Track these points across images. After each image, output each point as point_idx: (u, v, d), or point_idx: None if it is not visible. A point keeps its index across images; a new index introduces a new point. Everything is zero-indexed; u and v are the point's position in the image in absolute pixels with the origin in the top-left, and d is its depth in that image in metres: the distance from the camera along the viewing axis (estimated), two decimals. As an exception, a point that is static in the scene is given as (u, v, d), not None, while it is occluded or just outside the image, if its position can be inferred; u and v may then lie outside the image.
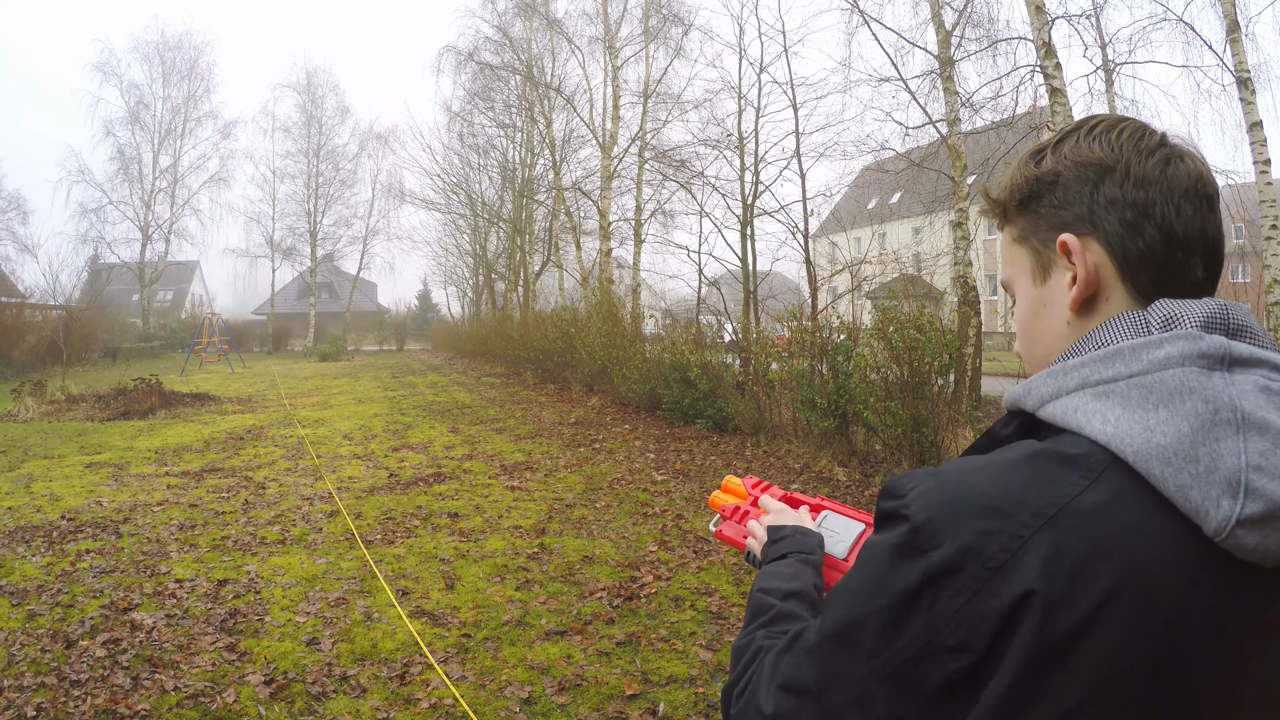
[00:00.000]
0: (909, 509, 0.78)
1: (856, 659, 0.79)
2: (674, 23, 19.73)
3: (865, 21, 12.77)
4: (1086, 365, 0.79)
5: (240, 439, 11.48)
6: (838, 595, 0.85)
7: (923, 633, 0.74)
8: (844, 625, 0.81)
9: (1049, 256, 0.89)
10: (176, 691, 3.82)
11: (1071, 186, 0.86)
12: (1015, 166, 0.93)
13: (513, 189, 28.40)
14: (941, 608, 0.73)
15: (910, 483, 0.81)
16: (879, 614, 0.78)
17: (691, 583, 5.27)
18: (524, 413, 14.24)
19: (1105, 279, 0.85)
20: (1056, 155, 0.88)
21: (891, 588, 0.77)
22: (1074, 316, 0.87)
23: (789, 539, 1.22)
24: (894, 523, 0.80)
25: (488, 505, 7.38)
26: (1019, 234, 0.93)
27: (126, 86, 40.04)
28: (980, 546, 0.72)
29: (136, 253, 39.35)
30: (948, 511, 0.75)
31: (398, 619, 4.69)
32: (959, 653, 0.73)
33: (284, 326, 45.43)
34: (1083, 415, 0.77)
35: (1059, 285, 0.89)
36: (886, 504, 0.82)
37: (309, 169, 42.50)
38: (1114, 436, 0.73)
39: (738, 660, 1.02)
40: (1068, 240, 0.85)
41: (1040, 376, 0.84)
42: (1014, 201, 0.92)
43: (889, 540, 0.79)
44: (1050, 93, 9.93)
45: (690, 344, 12.25)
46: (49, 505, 7.34)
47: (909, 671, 0.75)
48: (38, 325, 25.45)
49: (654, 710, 3.70)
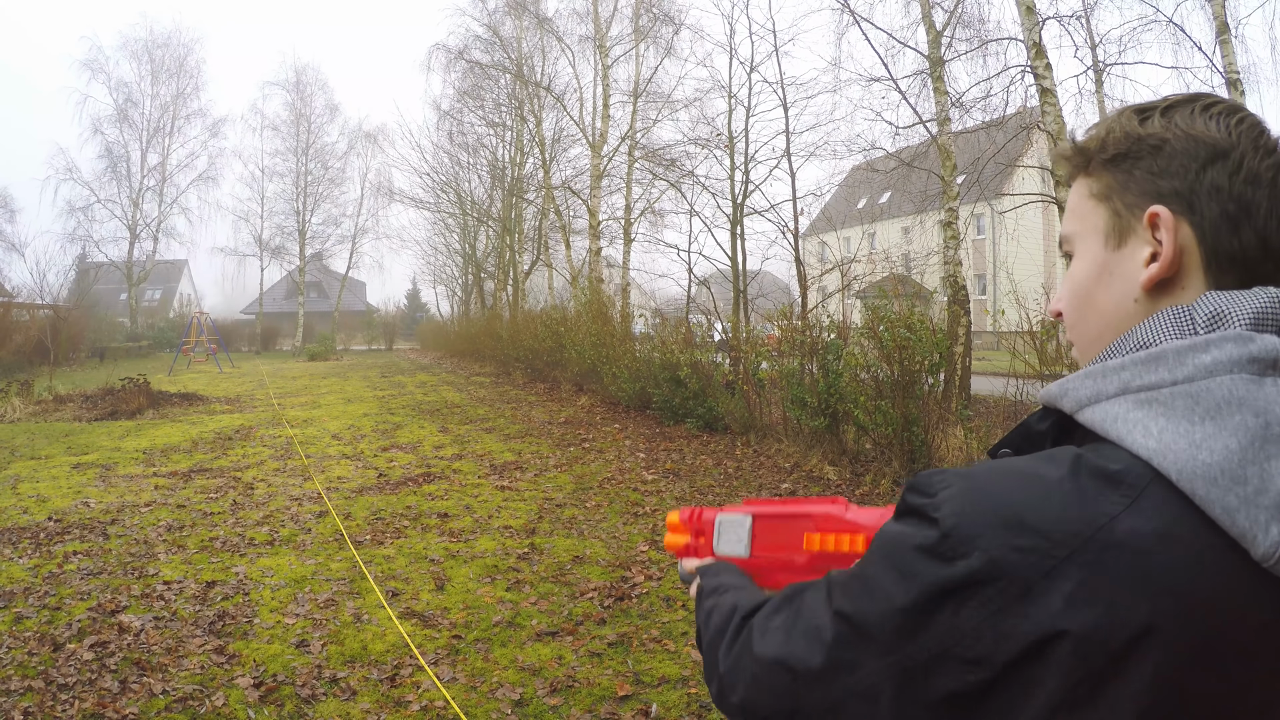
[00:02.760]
0: (938, 511, 0.73)
1: (868, 652, 0.76)
2: (664, 22, 19.73)
3: (856, 21, 12.78)
4: (1127, 369, 0.75)
5: (228, 439, 11.42)
6: (853, 582, 0.80)
7: (939, 641, 0.71)
8: (859, 616, 0.77)
9: (1130, 223, 0.82)
10: (165, 695, 3.79)
11: (1177, 158, 0.79)
12: (1114, 119, 0.86)
13: (502, 188, 28.36)
14: (964, 619, 0.70)
15: (941, 482, 0.76)
16: (896, 614, 0.74)
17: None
18: (513, 412, 14.22)
19: (1187, 265, 0.79)
20: (1166, 120, 0.81)
21: (912, 590, 0.73)
22: (1144, 295, 0.81)
23: (719, 567, 1.21)
24: (919, 521, 0.75)
25: (477, 505, 7.37)
26: (1101, 190, 0.86)
27: (115, 84, 39.90)
28: (1011, 563, 0.68)
29: (124, 251, 39.20)
30: (979, 521, 0.71)
31: (388, 620, 4.67)
32: (974, 666, 0.70)
33: (272, 326, 45.33)
34: (1123, 425, 0.72)
35: (1134, 257, 0.82)
36: (914, 499, 0.77)
37: (298, 167, 42.49)
38: (1156, 452, 0.69)
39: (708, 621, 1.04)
40: (1161, 213, 0.79)
41: (1078, 378, 0.79)
42: (1104, 154, 0.85)
43: (914, 539, 0.75)
44: (1040, 93, 9.96)
45: (680, 343, 12.25)
46: (36, 506, 7.28)
47: (919, 676, 0.73)
48: (25, 325, 25.32)
49: (646, 711, 3.69)
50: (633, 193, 20.35)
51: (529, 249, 28.23)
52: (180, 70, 40.64)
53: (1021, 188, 22.20)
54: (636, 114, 20.10)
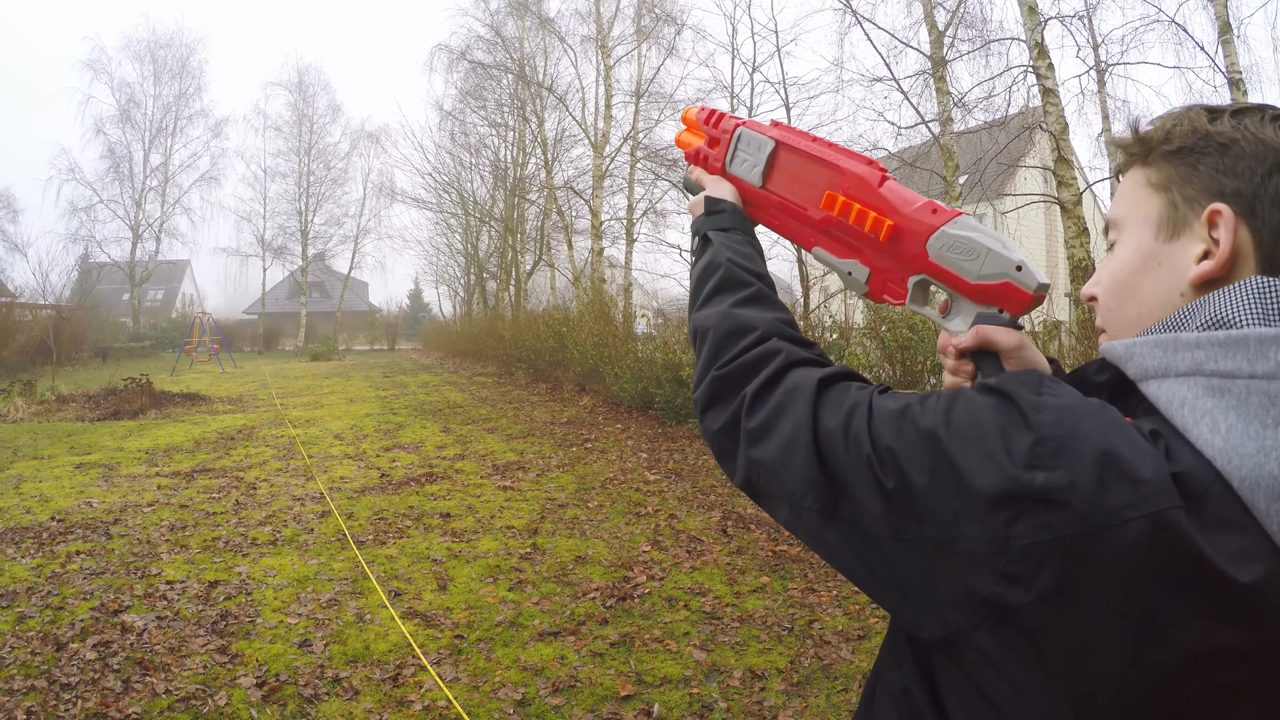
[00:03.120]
0: (1039, 413, 0.68)
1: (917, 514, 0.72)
2: (666, 22, 19.76)
3: (858, 21, 12.80)
4: (1203, 347, 0.71)
5: (231, 439, 11.43)
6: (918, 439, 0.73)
7: (988, 541, 0.67)
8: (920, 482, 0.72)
9: (1187, 216, 0.80)
10: (168, 694, 3.80)
11: (1244, 159, 0.77)
12: (1181, 113, 0.83)
13: (504, 188, 28.39)
14: (1018, 531, 0.66)
15: (1052, 387, 0.71)
16: (953, 495, 0.69)
17: (685, 583, 5.26)
18: (516, 412, 14.22)
19: (1240, 269, 0.76)
20: (1237, 122, 0.79)
21: (978, 479, 0.68)
22: (1190, 290, 0.79)
23: (728, 213, 1.14)
24: (1013, 411, 0.70)
25: (480, 505, 7.37)
26: (1160, 180, 0.83)
27: (117, 84, 39.92)
28: (1090, 498, 0.64)
29: (127, 252, 39.21)
30: (1078, 442, 0.66)
31: (390, 620, 4.67)
32: (1009, 583, 0.66)
33: (275, 326, 45.35)
34: (1189, 413, 0.69)
35: (1186, 252, 0.80)
36: (1014, 386, 0.72)
37: (300, 168, 42.50)
38: (1221, 452, 0.66)
39: (732, 334, 0.96)
40: (1223, 211, 0.77)
41: (1148, 344, 0.76)
42: (1168, 145, 0.82)
43: (998, 426, 0.70)
44: (1043, 93, 9.96)
45: (682, 343, 12.24)
46: (38, 506, 7.29)
47: (954, 561, 0.69)
48: (27, 325, 25.37)
49: (648, 711, 3.69)
50: (635, 193, 20.40)
51: (531, 249, 28.25)
52: (182, 71, 40.68)
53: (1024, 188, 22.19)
54: (639, 114, 20.15)
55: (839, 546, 0.80)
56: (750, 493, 0.90)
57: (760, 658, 4.19)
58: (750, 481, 0.90)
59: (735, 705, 3.72)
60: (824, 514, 0.80)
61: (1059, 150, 9.75)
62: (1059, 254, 31.65)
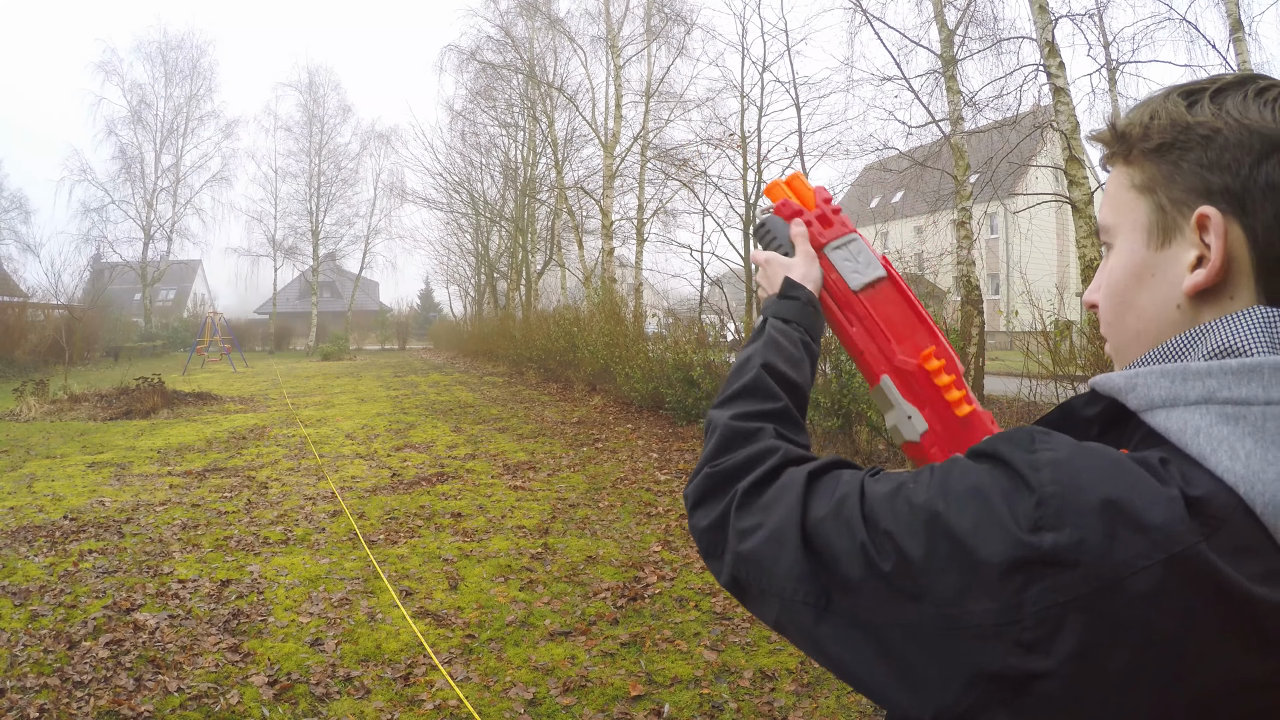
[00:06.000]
0: (1038, 473, 0.66)
1: (920, 593, 0.68)
2: (676, 22, 19.73)
3: (868, 20, 12.77)
4: (1214, 376, 0.68)
5: (243, 438, 11.47)
6: (916, 514, 0.70)
7: (998, 612, 0.64)
8: (920, 557, 0.69)
9: (1177, 220, 0.75)
10: (180, 693, 3.81)
11: (1229, 150, 0.71)
12: (1158, 102, 0.77)
13: (515, 188, 28.41)
14: (1029, 597, 0.63)
15: (1045, 441, 0.68)
16: (959, 569, 0.66)
17: (695, 583, 5.26)
18: (526, 412, 14.24)
19: (1235, 273, 0.72)
20: (1217, 106, 0.73)
21: (984, 548, 0.65)
22: (1186, 301, 0.74)
23: (801, 305, 1.08)
24: (1011, 476, 0.67)
25: (491, 505, 7.38)
26: (1144, 182, 0.77)
27: (129, 86, 40.21)
28: (1101, 553, 0.61)
29: (139, 252, 39.44)
30: (1081, 498, 0.63)
31: (401, 619, 4.68)
32: (1026, 652, 0.63)
33: (286, 326, 45.47)
34: (1206, 441, 0.66)
35: (1178, 260, 0.75)
36: (1011, 450, 0.69)
37: (311, 168, 42.64)
38: (1243, 479, 0.63)
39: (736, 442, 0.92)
40: (1210, 216, 0.71)
41: (1153, 374, 0.72)
42: (1148, 143, 0.77)
43: (1000, 491, 0.67)
44: (1054, 92, 9.92)
45: (693, 343, 12.23)
46: (51, 505, 7.33)
47: (966, 640, 0.66)
48: (40, 325, 25.52)
49: (659, 711, 3.68)
50: (645, 193, 20.37)
51: (542, 249, 28.27)
52: (194, 72, 40.89)
53: (1035, 187, 22.14)
54: (649, 114, 20.13)
55: (832, 643, 0.75)
56: (738, 592, 0.86)
57: (771, 658, 4.18)
58: (737, 579, 0.85)
59: (746, 706, 3.72)
60: (817, 608, 0.76)
61: (1070, 149, 9.71)
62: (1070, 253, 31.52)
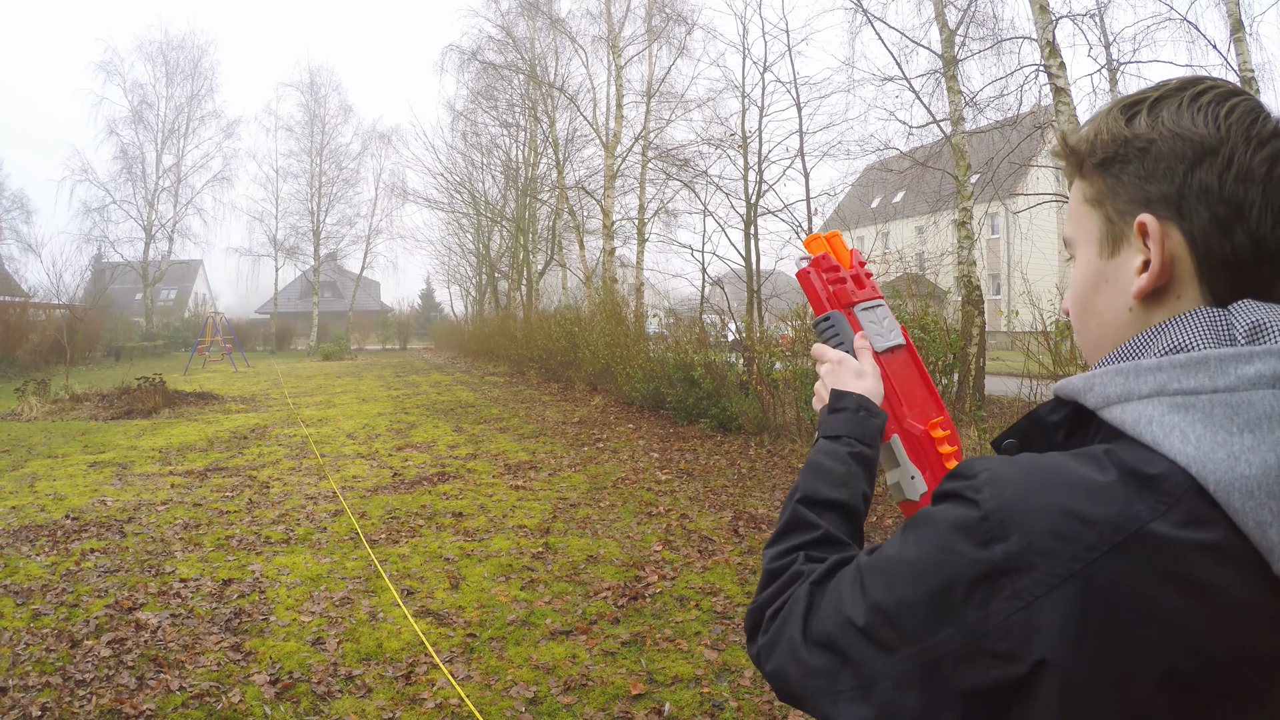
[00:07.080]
0: (978, 493, 0.71)
1: (899, 639, 0.74)
2: (677, 22, 19.72)
3: (869, 21, 12.74)
4: (1164, 370, 0.72)
5: (244, 438, 11.48)
6: (885, 566, 0.78)
7: (968, 630, 0.69)
8: (891, 603, 0.75)
9: (1122, 230, 0.80)
10: (182, 691, 3.82)
11: (1164, 160, 0.76)
12: (1101, 118, 0.82)
13: (516, 188, 28.40)
14: (994, 609, 0.68)
15: (983, 466, 0.74)
16: (925, 601, 0.72)
17: (696, 582, 5.26)
18: (527, 412, 14.24)
19: (1180, 274, 0.77)
20: (1153, 118, 0.77)
21: (943, 574, 0.71)
22: (1137, 304, 0.79)
23: (850, 415, 1.09)
24: (958, 502, 0.73)
25: (492, 505, 7.38)
26: (1094, 196, 0.83)
27: (130, 86, 40.34)
28: (1051, 551, 0.66)
29: (140, 252, 39.49)
30: (1021, 505, 0.69)
31: (403, 619, 4.68)
32: (1005, 661, 0.68)
33: (287, 325, 45.50)
34: (1159, 429, 0.70)
35: (1127, 265, 0.80)
36: (953, 483, 0.75)
37: (312, 168, 42.66)
38: (1195, 459, 0.67)
39: (772, 579, 0.96)
40: (1147, 223, 0.76)
41: (1108, 374, 0.76)
42: (1094, 158, 0.82)
43: (951, 519, 0.73)
44: (1054, 92, 9.91)
45: (694, 343, 12.23)
46: (53, 505, 7.34)
47: (947, 668, 0.71)
48: (41, 324, 25.55)
49: (659, 710, 3.69)
50: (646, 193, 20.35)
51: (543, 249, 28.25)
52: (194, 72, 40.96)
53: (1036, 187, 22.11)
54: (650, 114, 20.11)
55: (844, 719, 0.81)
56: (791, 703, 0.91)
57: (772, 657, 4.17)
58: (780, 693, 0.92)
59: (746, 705, 3.72)
60: (828, 695, 0.81)
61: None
62: (1071, 253, 31.44)
